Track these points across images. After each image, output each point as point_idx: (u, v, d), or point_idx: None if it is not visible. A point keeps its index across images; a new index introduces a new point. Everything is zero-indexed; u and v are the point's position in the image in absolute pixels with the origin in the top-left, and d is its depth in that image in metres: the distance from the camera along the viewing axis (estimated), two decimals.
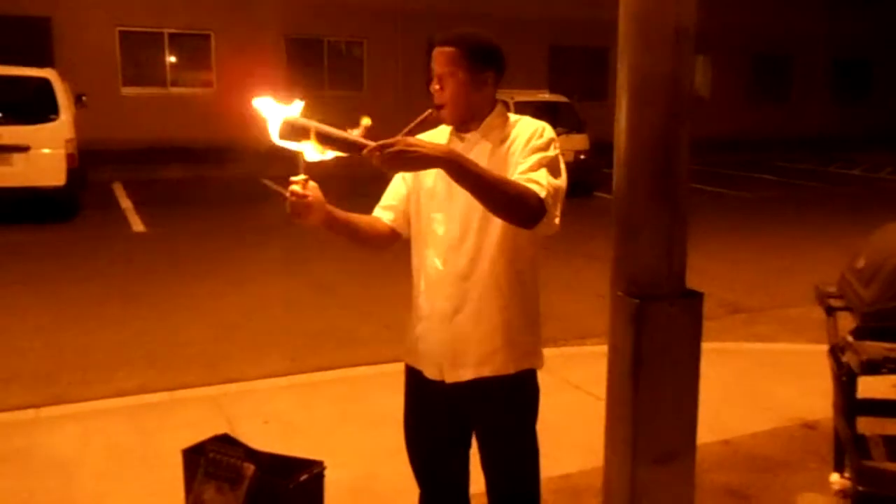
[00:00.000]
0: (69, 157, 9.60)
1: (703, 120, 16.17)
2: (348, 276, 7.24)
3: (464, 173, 1.93)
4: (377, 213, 2.36)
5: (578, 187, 10.16)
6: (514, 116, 2.23)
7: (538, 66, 19.42)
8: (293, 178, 2.05)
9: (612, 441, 2.22)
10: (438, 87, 2.16)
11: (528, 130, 2.15)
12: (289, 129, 1.95)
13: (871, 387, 2.52)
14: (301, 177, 2.05)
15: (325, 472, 2.69)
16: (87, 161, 11.16)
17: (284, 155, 2.05)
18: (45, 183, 9.49)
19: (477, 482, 2.37)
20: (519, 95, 12.44)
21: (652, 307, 2.09)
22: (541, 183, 2.02)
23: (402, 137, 1.92)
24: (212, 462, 2.58)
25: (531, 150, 2.10)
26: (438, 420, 2.33)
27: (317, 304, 6.53)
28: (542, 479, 2.35)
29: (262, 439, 3.23)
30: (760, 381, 4.85)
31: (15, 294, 6.65)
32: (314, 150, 1.97)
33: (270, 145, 2.00)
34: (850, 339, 2.53)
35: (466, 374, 2.21)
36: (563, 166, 2.14)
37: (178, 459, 2.70)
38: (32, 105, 9.80)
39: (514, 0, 18.56)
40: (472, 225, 2.16)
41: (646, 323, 2.09)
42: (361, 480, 3.52)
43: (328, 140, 1.95)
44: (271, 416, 4.24)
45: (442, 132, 2.29)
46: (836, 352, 2.67)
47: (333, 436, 4.01)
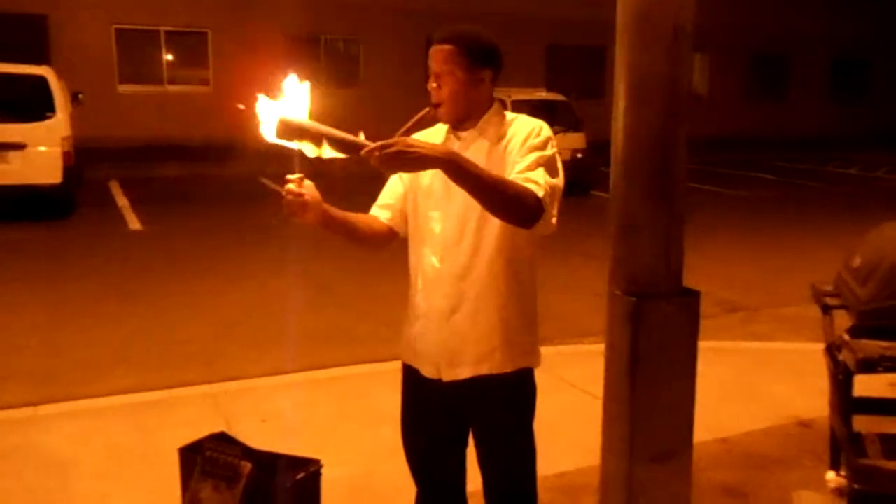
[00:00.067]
0: (65, 154, 9.60)
1: (701, 119, 16.13)
2: (346, 274, 7.24)
3: (463, 174, 1.93)
4: (374, 211, 2.35)
5: (575, 186, 10.14)
6: (510, 115, 2.23)
7: (536, 64, 19.43)
8: (289, 176, 2.04)
9: (608, 439, 2.23)
10: (436, 85, 2.16)
11: (525, 129, 2.15)
12: (285, 129, 1.94)
13: (867, 385, 2.52)
14: (297, 175, 2.04)
15: (323, 471, 2.70)
16: (84, 159, 11.15)
17: (282, 153, 2.04)
18: (41, 181, 9.48)
19: (474, 480, 2.38)
20: (516, 94, 12.45)
21: (649, 306, 2.09)
22: (539, 182, 2.02)
23: (402, 138, 1.91)
24: (209, 460, 2.58)
25: (529, 149, 2.10)
26: (436, 418, 2.33)
27: (315, 302, 6.53)
28: (539, 478, 2.35)
29: (260, 438, 3.22)
30: (757, 380, 4.86)
31: (11, 292, 6.64)
32: (311, 150, 1.96)
33: (267, 144, 2.00)
34: (846, 337, 2.53)
35: (464, 372, 2.21)
36: (560, 165, 2.14)
37: (175, 458, 2.71)
38: (29, 103, 9.79)
39: None
40: (469, 224, 2.16)
41: (643, 321, 2.09)
42: (359, 479, 3.53)
43: (325, 140, 1.95)
44: (269, 414, 4.24)
45: (439, 130, 2.28)
46: (832, 350, 2.67)
47: (331, 434, 4.01)
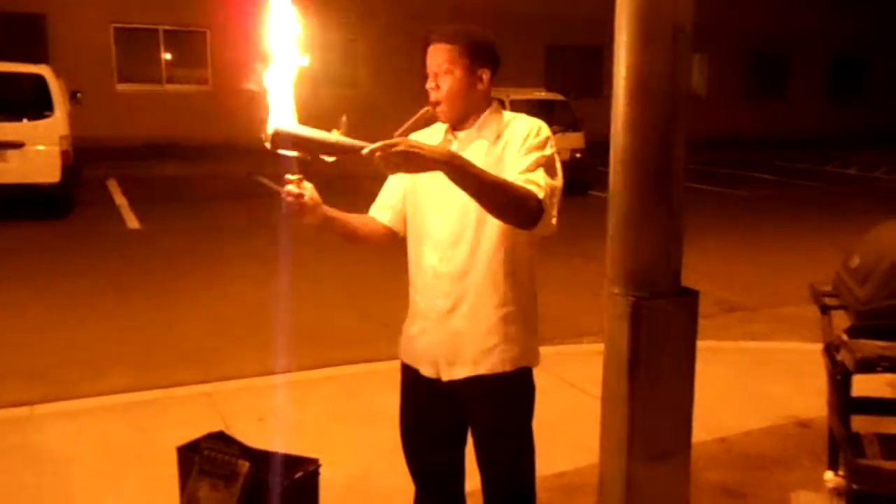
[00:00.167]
0: (64, 153, 9.58)
1: (700, 118, 16.16)
2: (345, 273, 7.23)
3: (464, 176, 1.92)
4: (373, 212, 2.35)
5: (574, 186, 10.13)
6: (508, 114, 2.22)
7: (534, 63, 19.42)
8: (288, 176, 2.04)
9: (607, 439, 2.22)
10: (434, 84, 2.15)
11: (524, 128, 2.14)
12: (280, 140, 1.92)
13: (865, 385, 2.52)
14: (296, 176, 2.04)
15: (321, 470, 2.69)
16: (82, 158, 11.14)
17: (279, 154, 2.03)
18: (39, 180, 9.47)
19: (472, 480, 2.37)
20: (515, 93, 12.45)
21: (648, 305, 2.09)
22: (539, 184, 2.02)
23: (405, 138, 1.91)
24: (206, 459, 2.57)
25: (528, 150, 2.09)
26: (434, 418, 2.33)
27: (313, 301, 6.52)
28: (538, 477, 2.35)
29: (258, 437, 3.21)
30: (756, 380, 4.86)
31: (9, 290, 6.63)
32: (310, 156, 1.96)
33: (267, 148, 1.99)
34: (844, 337, 2.53)
35: (462, 371, 2.21)
36: (559, 165, 2.14)
37: (172, 456, 2.70)
38: (27, 102, 9.79)
39: None
40: (468, 223, 2.15)
41: (641, 321, 2.09)
42: (357, 478, 3.52)
43: (323, 147, 1.94)
44: (266, 413, 4.24)
45: (437, 130, 2.28)
46: (830, 350, 2.67)
47: (329, 433, 4.01)
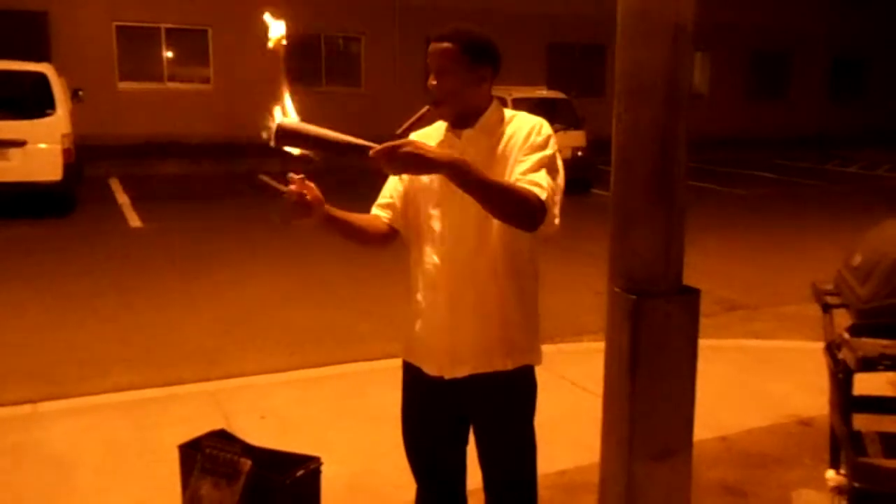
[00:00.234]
0: (65, 152, 9.59)
1: (702, 117, 16.18)
2: (347, 272, 7.23)
3: (468, 180, 1.92)
4: (375, 211, 2.35)
5: (576, 184, 10.16)
6: (509, 112, 2.22)
7: (536, 62, 19.40)
8: (291, 176, 2.04)
9: (608, 437, 2.23)
10: (435, 83, 2.15)
11: (526, 127, 2.14)
12: (284, 136, 1.92)
13: (867, 383, 2.53)
14: (298, 176, 2.03)
15: (322, 468, 2.70)
16: (84, 156, 11.16)
17: (283, 151, 2.03)
18: (41, 178, 9.48)
19: (474, 478, 2.38)
20: (517, 92, 12.45)
21: (649, 304, 2.09)
22: (542, 185, 2.02)
23: (411, 140, 1.91)
24: (208, 458, 2.58)
25: (530, 149, 2.09)
26: (436, 416, 2.33)
27: (315, 300, 6.53)
28: (539, 475, 2.35)
29: (259, 435, 3.23)
30: (757, 378, 4.87)
31: (11, 289, 6.64)
32: (314, 153, 1.95)
33: (267, 141, 1.99)
34: (846, 335, 2.53)
35: (464, 370, 2.21)
36: (561, 163, 2.14)
37: (175, 455, 2.71)
38: (29, 100, 9.80)
39: None
40: (469, 222, 2.15)
41: (643, 319, 2.09)
42: (358, 476, 3.53)
43: (329, 145, 1.94)
44: (268, 411, 4.24)
45: (438, 129, 2.28)
46: (832, 349, 2.67)
47: (331, 432, 4.01)
